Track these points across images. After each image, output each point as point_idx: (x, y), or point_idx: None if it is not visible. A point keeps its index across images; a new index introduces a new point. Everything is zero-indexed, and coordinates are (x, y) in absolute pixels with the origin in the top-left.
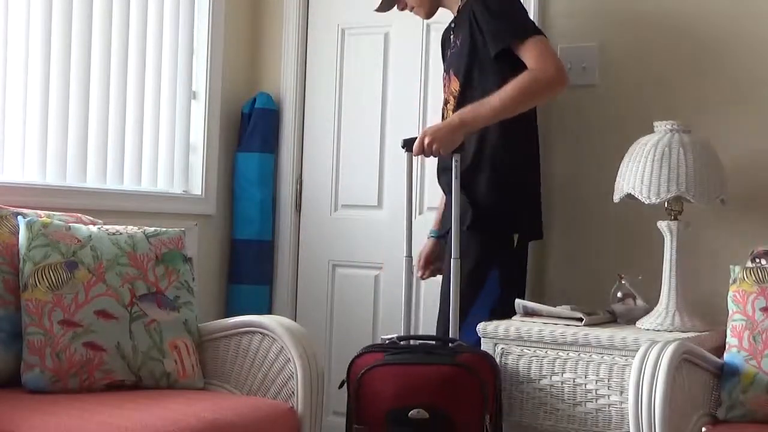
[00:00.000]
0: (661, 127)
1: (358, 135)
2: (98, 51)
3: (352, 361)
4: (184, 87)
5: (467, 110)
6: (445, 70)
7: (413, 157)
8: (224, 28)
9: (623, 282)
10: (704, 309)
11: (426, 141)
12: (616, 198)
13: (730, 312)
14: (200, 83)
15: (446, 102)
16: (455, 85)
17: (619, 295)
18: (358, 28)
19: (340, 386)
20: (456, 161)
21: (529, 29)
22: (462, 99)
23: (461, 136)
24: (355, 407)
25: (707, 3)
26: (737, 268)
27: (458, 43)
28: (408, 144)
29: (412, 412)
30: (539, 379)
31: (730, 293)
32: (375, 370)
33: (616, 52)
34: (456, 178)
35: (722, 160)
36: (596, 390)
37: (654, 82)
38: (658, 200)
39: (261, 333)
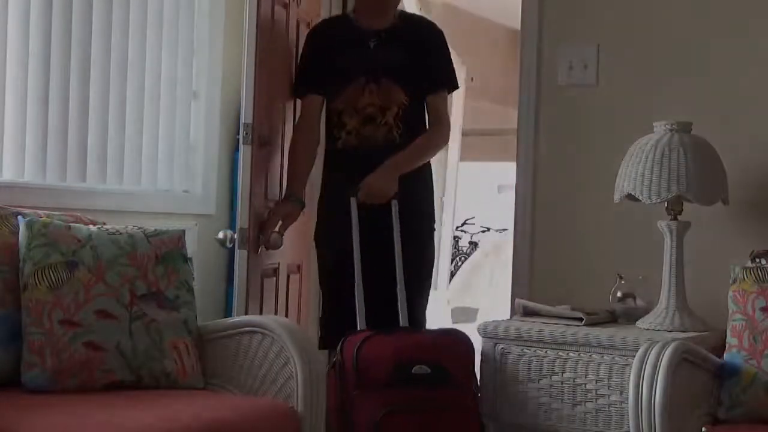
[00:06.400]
0: (661, 127)
1: None
2: (98, 51)
3: (344, 341)
4: (184, 87)
5: (402, 160)
6: (369, 75)
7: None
8: (224, 28)
9: (623, 282)
10: (704, 309)
11: (368, 191)
12: (617, 198)
13: (730, 312)
14: (200, 83)
15: (385, 108)
16: (401, 97)
17: (619, 295)
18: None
19: (332, 366)
20: (394, 206)
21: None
22: (408, 112)
23: (396, 183)
24: (355, 374)
25: (708, 2)
26: (737, 268)
27: (398, 55)
28: (354, 192)
29: (416, 368)
30: (539, 379)
31: (730, 293)
32: (374, 338)
33: (616, 52)
34: (395, 220)
35: (722, 160)
36: (596, 390)
37: (654, 82)
38: (659, 200)
39: (261, 333)
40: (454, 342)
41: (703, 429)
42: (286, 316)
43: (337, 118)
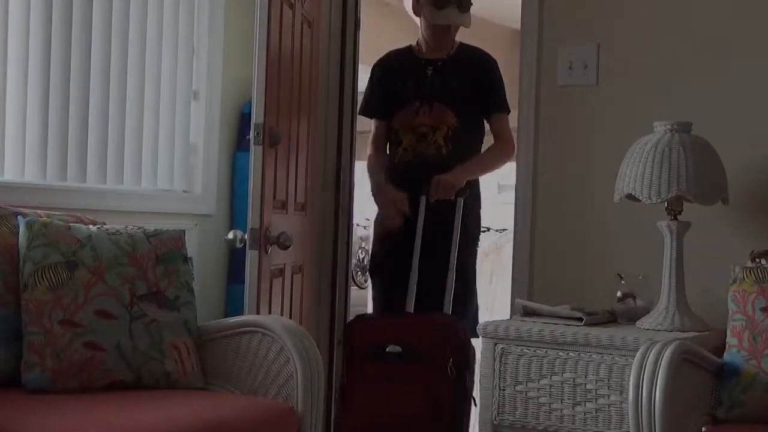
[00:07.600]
0: (661, 127)
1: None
2: (98, 51)
3: (348, 323)
4: (184, 87)
5: (472, 166)
6: (423, 99)
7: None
8: (224, 28)
9: (623, 282)
10: (704, 309)
11: (436, 185)
12: (617, 198)
13: (730, 312)
14: (200, 83)
15: (436, 128)
16: (451, 118)
17: (619, 295)
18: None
19: (338, 344)
20: (459, 203)
21: None
22: (458, 132)
23: (463, 183)
24: (347, 352)
25: (708, 3)
26: (737, 268)
27: (451, 82)
28: (425, 190)
29: (389, 347)
30: (539, 379)
31: (730, 293)
32: (364, 321)
33: (616, 52)
34: (458, 214)
35: (722, 160)
36: (596, 390)
37: (654, 82)
38: (659, 200)
39: (261, 333)
40: (432, 325)
41: (703, 429)
42: (290, 316)
43: (395, 136)
